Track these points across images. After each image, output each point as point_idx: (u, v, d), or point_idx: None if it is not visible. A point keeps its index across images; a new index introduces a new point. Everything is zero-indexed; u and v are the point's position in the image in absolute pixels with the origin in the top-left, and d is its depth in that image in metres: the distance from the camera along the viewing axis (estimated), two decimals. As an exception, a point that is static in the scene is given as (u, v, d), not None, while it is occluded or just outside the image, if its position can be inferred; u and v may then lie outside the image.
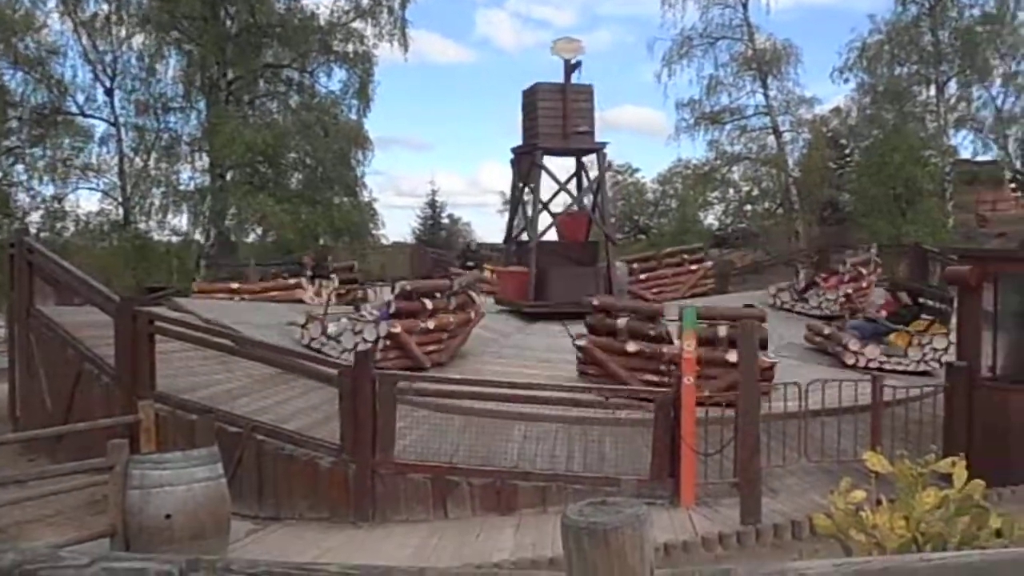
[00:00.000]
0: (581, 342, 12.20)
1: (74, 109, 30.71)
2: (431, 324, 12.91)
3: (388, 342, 12.33)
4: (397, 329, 12.39)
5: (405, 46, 31.62)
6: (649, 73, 73.61)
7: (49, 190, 30.13)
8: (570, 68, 18.57)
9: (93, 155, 31.20)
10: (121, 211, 31.05)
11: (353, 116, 31.88)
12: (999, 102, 34.20)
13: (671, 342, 11.54)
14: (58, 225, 30.40)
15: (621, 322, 12.09)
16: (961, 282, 9.93)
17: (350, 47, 31.67)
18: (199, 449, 7.69)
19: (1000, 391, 9.49)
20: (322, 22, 31.23)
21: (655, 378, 11.33)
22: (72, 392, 10.93)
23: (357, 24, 31.76)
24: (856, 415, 10.01)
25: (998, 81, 34.01)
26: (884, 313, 15.66)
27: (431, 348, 12.95)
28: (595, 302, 12.98)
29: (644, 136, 72.73)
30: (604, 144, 19.18)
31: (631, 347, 11.83)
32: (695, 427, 8.41)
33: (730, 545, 7.13)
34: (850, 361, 14.45)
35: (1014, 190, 38.26)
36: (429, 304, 13.09)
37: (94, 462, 7.63)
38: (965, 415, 9.52)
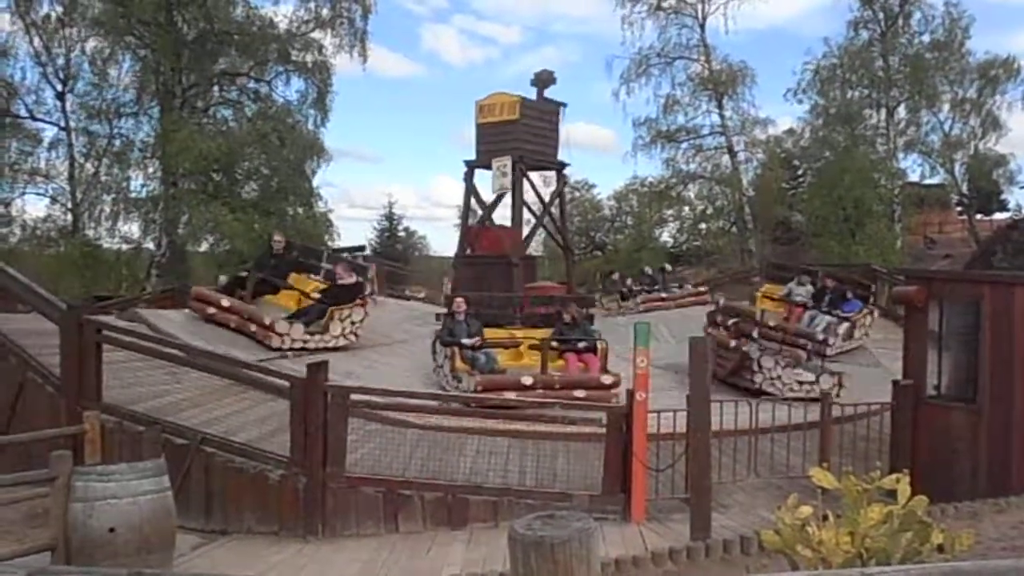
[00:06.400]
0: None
1: (23, 112, 30.12)
2: None
3: None
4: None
5: (365, 57, 31.70)
6: (598, 90, 74.42)
7: (-5, 194, 29.54)
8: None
9: (42, 160, 30.70)
10: (70, 217, 30.47)
11: (310, 126, 31.78)
12: (946, 127, 35.14)
13: None
14: (4, 231, 29.76)
15: None
16: (908, 302, 10.14)
17: (308, 57, 31.58)
18: (145, 461, 7.54)
19: (943, 409, 9.69)
20: (281, 31, 31.06)
21: None
22: (15, 401, 10.66)
23: (316, 34, 31.68)
24: (805, 432, 10.14)
25: (946, 107, 34.95)
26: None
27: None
28: None
29: (595, 153, 73.35)
30: (566, 164, 19.49)
31: None
32: (647, 442, 8.45)
33: (680, 560, 7.16)
34: (275, 344, 13.18)
35: (960, 213, 39.25)
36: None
37: (36, 473, 7.43)
38: (910, 432, 9.71)
